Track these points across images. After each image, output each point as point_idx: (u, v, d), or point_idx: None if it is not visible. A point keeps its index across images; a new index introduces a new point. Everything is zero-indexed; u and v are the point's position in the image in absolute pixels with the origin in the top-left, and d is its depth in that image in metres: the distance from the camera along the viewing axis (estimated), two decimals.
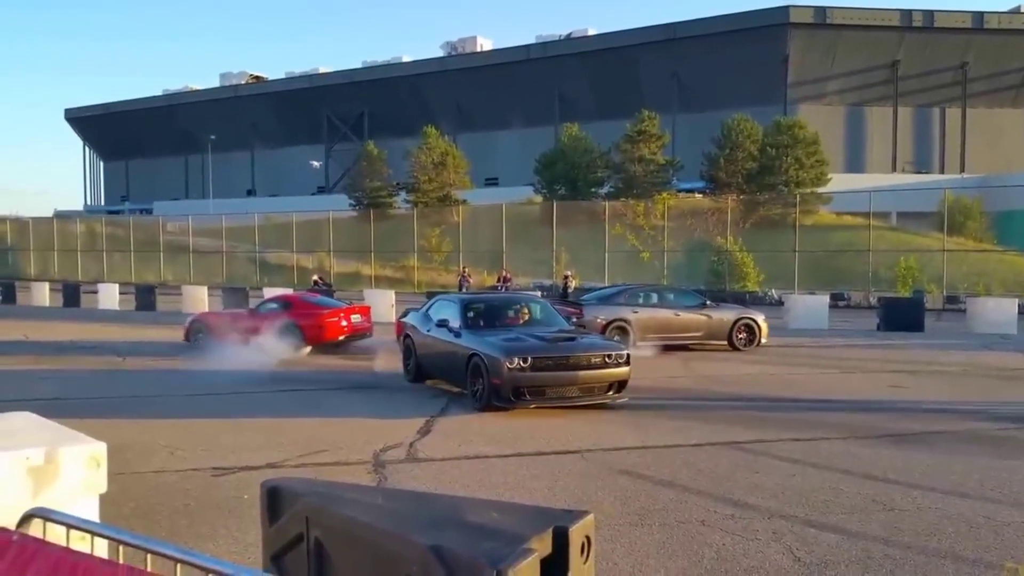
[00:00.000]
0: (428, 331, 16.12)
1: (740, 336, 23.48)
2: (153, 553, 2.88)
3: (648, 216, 55.90)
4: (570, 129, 69.70)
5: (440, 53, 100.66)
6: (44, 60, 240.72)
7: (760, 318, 24.01)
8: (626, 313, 22.88)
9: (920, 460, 10.28)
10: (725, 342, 23.41)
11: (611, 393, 14.01)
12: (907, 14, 73.30)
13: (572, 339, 14.60)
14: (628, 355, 14.21)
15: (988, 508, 8.27)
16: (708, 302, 24.69)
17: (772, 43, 73.63)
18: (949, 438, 11.70)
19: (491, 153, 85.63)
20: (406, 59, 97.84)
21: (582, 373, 13.74)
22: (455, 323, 15.46)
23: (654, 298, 24.21)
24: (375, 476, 9.47)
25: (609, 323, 22.47)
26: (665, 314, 23.25)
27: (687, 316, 23.37)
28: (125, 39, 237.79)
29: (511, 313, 16.68)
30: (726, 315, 23.96)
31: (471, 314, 15.90)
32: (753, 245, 50.34)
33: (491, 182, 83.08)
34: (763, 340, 23.67)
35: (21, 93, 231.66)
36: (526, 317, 16.55)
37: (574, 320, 20.38)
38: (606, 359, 13.91)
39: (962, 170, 73.85)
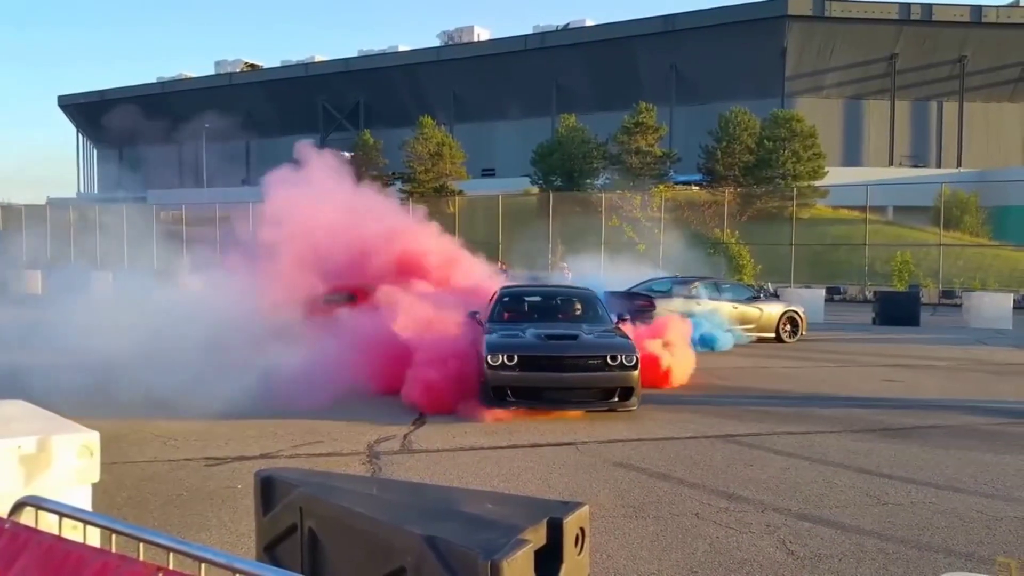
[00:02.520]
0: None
1: (786, 328, 23.89)
2: (145, 542, 2.87)
3: (645, 208, 55.89)
4: (567, 120, 69.69)
5: (437, 43, 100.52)
6: (38, 48, 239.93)
7: (801, 310, 24.66)
8: (692, 306, 22.88)
9: (914, 454, 10.29)
10: (773, 334, 23.72)
11: (615, 400, 12.43)
12: (905, 7, 73.23)
13: (574, 337, 13.03)
14: (638, 358, 12.59)
15: (981, 503, 8.28)
16: (761, 295, 24.99)
17: (770, 35, 73.62)
18: (943, 432, 11.71)
19: (488, 144, 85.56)
20: (403, 48, 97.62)
21: (576, 375, 12.40)
22: (484, 314, 14.56)
23: (713, 291, 24.27)
24: (369, 467, 9.46)
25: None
26: (727, 307, 23.46)
27: (744, 309, 23.74)
28: (119, 26, 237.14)
29: (548, 306, 15.47)
30: (774, 308, 24.42)
31: (498, 307, 14.89)
32: (750, 238, 50.40)
33: (488, 173, 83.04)
34: (803, 332, 24.22)
35: (15, 80, 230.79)
36: (568, 310, 15.28)
37: (653, 312, 20.23)
38: (608, 361, 12.37)
39: (959, 164, 73.91)
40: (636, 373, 12.48)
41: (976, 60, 74.51)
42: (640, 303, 21.49)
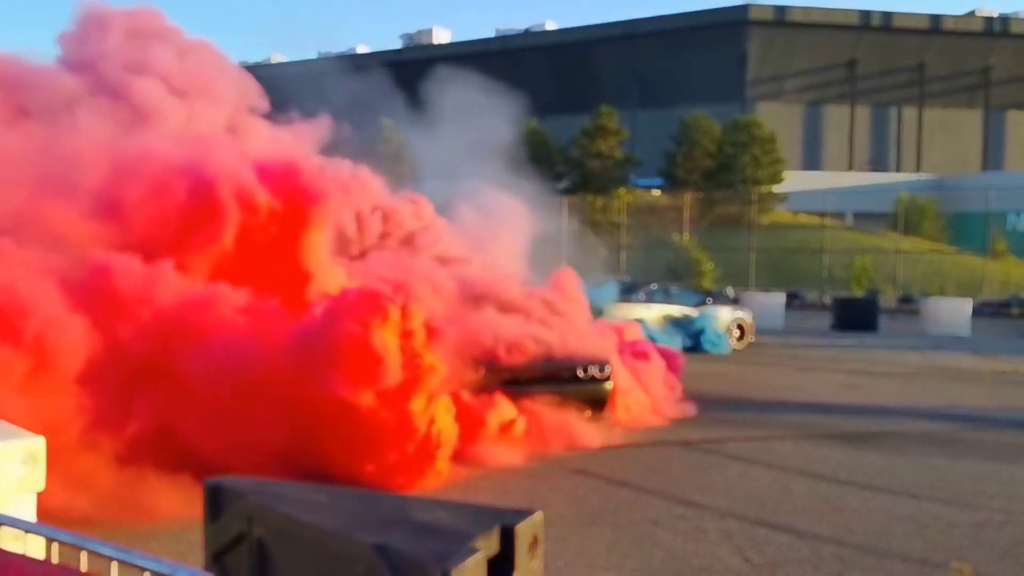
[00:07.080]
0: None
1: (734, 335, 23.66)
2: (89, 552, 2.80)
3: (606, 212, 55.92)
4: (528, 124, 69.57)
5: (397, 45, 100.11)
6: None
7: (749, 316, 24.46)
8: (643, 312, 22.56)
9: (871, 460, 10.35)
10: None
11: (587, 414, 11.24)
12: (865, 15, 73.98)
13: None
14: (610, 371, 11.64)
15: (937, 508, 8.33)
16: (708, 300, 24.97)
17: (731, 41, 73.99)
18: (900, 439, 11.78)
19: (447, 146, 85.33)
20: (362, 50, 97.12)
21: (541, 388, 11.00)
22: None
23: (662, 296, 24.13)
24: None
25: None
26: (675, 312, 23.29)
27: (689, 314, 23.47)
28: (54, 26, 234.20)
29: None
30: (724, 313, 24.21)
31: None
32: (709, 243, 50.51)
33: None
34: (750, 338, 24.02)
35: None
36: None
37: None
38: (577, 374, 11.32)
39: (918, 170, 74.61)
40: (610, 385, 11.54)
41: (935, 67, 75.34)
42: None
